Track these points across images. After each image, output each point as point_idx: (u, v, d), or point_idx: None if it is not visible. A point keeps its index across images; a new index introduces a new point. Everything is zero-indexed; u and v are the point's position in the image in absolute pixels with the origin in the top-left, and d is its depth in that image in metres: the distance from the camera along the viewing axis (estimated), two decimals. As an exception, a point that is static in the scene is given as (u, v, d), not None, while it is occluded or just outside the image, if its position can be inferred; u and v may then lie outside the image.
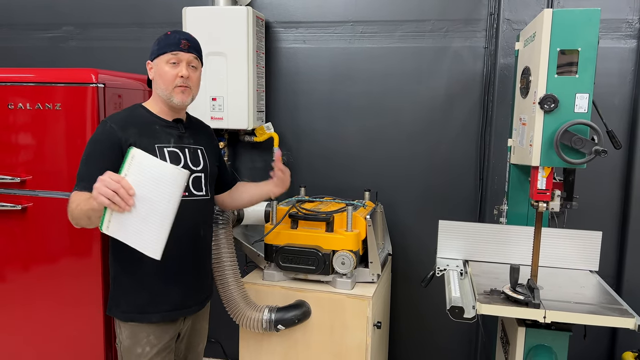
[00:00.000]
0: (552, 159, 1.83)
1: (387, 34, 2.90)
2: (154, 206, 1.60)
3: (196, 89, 1.94)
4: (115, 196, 1.53)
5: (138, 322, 1.90)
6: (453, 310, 1.86)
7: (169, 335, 1.95)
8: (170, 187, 1.61)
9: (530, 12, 2.69)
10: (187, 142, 1.96)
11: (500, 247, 2.32)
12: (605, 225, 2.71)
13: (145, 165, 1.60)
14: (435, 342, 3.05)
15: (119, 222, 1.61)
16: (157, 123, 1.91)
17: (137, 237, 1.63)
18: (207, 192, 1.99)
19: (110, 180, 1.54)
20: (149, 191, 1.59)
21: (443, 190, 2.92)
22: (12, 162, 2.49)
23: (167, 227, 1.63)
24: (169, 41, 1.87)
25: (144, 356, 1.91)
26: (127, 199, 1.54)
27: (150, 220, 1.61)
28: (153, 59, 1.90)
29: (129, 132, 1.82)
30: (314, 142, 3.06)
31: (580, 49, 1.79)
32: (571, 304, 1.89)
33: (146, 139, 1.84)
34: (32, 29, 3.37)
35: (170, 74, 1.85)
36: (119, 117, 1.89)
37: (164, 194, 1.60)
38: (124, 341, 1.93)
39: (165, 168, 1.62)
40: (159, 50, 1.88)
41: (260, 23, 2.88)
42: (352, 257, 2.27)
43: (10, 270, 2.56)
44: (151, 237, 1.63)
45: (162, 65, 1.86)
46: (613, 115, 2.64)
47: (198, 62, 1.93)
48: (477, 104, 2.83)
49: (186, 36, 1.90)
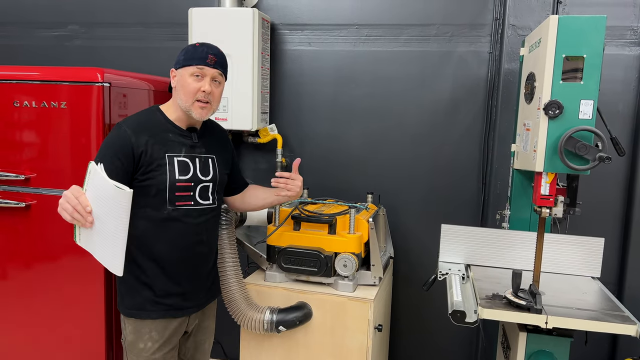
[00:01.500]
0: (556, 164, 1.84)
1: (392, 38, 2.90)
2: (105, 224, 1.62)
3: (217, 104, 1.95)
4: (74, 212, 1.59)
5: (139, 319, 1.94)
6: (455, 314, 1.86)
7: (170, 331, 1.97)
8: (115, 205, 1.62)
9: (536, 18, 2.69)
10: (199, 151, 1.97)
11: (503, 252, 2.33)
12: (608, 231, 2.71)
13: (96, 182, 1.62)
14: (435, 345, 3.05)
15: (86, 236, 1.64)
16: (171, 131, 1.91)
17: (101, 251, 1.66)
18: (213, 201, 2.01)
19: (70, 196, 1.59)
20: (100, 208, 1.61)
21: (446, 194, 2.92)
22: (17, 159, 2.50)
23: (121, 244, 1.64)
24: (196, 54, 1.87)
25: (146, 351, 1.94)
26: (85, 216, 1.60)
27: (106, 237, 1.63)
28: (177, 68, 1.90)
29: (142, 138, 1.83)
30: (318, 144, 3.06)
31: (586, 55, 1.79)
32: (573, 310, 1.89)
33: (157, 147, 1.86)
34: (37, 28, 3.38)
35: (192, 87, 1.86)
36: (134, 121, 1.89)
37: (111, 212, 1.62)
38: (127, 336, 1.97)
39: (108, 187, 1.61)
40: (185, 61, 1.87)
41: (265, 25, 2.89)
42: (354, 259, 2.27)
43: (13, 267, 2.57)
44: (110, 253, 1.66)
45: (186, 76, 1.86)
46: (617, 122, 2.64)
47: (222, 77, 1.94)
48: (481, 108, 2.83)
49: (214, 51, 1.90)
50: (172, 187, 1.87)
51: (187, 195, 1.92)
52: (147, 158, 1.83)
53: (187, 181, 1.91)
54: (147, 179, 1.84)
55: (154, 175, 1.85)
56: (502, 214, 2.44)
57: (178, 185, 1.88)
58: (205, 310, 2.13)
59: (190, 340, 2.13)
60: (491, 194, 2.83)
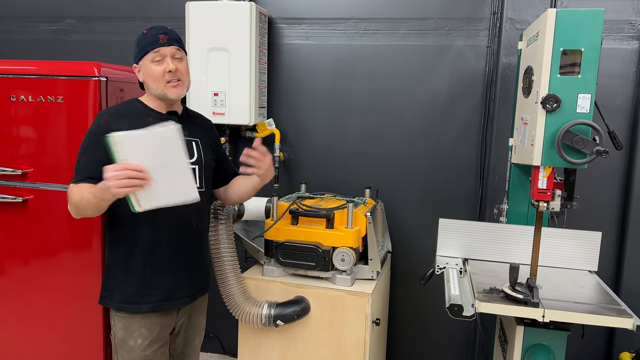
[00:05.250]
0: (553, 158, 1.84)
1: (390, 32, 2.90)
2: (168, 167, 1.66)
3: (187, 79, 1.94)
4: (131, 181, 1.58)
5: (129, 313, 1.92)
6: (452, 308, 1.87)
7: (159, 327, 1.96)
8: (170, 145, 1.66)
9: (534, 12, 2.69)
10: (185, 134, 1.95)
11: (500, 246, 2.33)
12: (605, 225, 2.72)
13: (136, 142, 1.63)
14: (433, 339, 3.06)
15: (147, 197, 1.65)
16: (151, 115, 1.91)
17: (170, 196, 1.69)
18: (201, 185, 1.99)
19: (117, 173, 1.57)
20: (152, 161, 1.63)
21: (443, 189, 2.93)
22: (14, 154, 2.49)
23: (189, 173, 1.72)
24: (147, 40, 1.87)
25: (137, 348, 1.93)
26: (144, 177, 1.59)
27: (172, 178, 1.68)
28: (138, 62, 1.91)
29: (122, 123, 1.83)
30: (315, 139, 3.06)
31: (584, 49, 1.79)
32: (570, 303, 1.90)
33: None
34: (35, 22, 3.36)
35: (157, 72, 1.86)
36: (113, 110, 1.95)
37: (170, 153, 1.66)
38: (117, 333, 1.96)
39: (151, 137, 1.65)
40: (140, 51, 1.88)
41: (263, 19, 2.88)
42: (352, 254, 2.27)
43: (10, 263, 2.57)
44: (182, 188, 1.70)
45: (148, 65, 1.87)
46: (615, 116, 2.64)
47: (182, 52, 1.93)
48: (479, 102, 2.83)
49: (163, 30, 1.90)
50: None
51: None
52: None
53: None
54: None
55: None
56: (500, 208, 2.44)
57: None
58: (195, 305, 2.11)
59: (180, 336, 2.10)
60: (489, 188, 2.83)
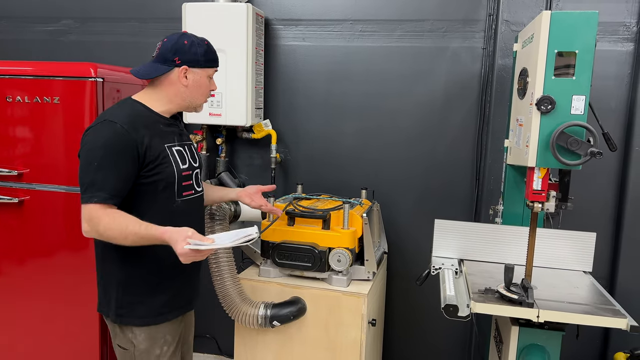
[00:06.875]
0: (548, 160, 1.85)
1: (387, 33, 2.91)
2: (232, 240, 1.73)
3: None
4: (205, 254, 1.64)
5: (156, 324, 1.86)
6: (447, 309, 1.87)
7: (179, 329, 1.96)
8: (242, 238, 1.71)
9: (529, 14, 2.70)
10: (186, 139, 1.96)
11: (495, 247, 2.34)
12: (600, 226, 2.73)
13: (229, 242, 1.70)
14: (429, 340, 3.07)
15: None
16: (160, 122, 1.85)
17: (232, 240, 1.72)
18: (199, 187, 1.99)
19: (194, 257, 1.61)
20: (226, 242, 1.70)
21: (439, 190, 2.94)
22: (10, 155, 2.49)
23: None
24: (214, 56, 1.90)
25: (163, 356, 1.89)
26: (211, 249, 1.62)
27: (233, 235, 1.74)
28: (193, 67, 1.83)
29: (140, 132, 1.74)
30: (312, 140, 3.07)
31: (578, 51, 1.80)
32: (564, 303, 1.91)
33: (157, 139, 1.79)
34: (31, 22, 3.36)
35: (209, 88, 1.91)
36: (122, 116, 1.75)
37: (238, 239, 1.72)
38: (139, 345, 1.85)
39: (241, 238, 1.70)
40: (206, 62, 1.86)
41: (259, 20, 2.88)
42: (348, 254, 2.28)
43: (6, 263, 2.56)
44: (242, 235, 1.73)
45: (204, 77, 1.87)
46: (609, 117, 2.65)
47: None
48: (475, 104, 2.84)
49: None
50: (179, 178, 1.83)
51: (189, 184, 1.89)
52: (151, 153, 1.75)
53: (187, 170, 1.88)
54: (154, 174, 1.76)
55: (161, 169, 1.78)
56: (495, 209, 2.45)
57: (183, 174, 1.85)
58: (186, 321, 2.07)
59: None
60: (484, 189, 2.84)
